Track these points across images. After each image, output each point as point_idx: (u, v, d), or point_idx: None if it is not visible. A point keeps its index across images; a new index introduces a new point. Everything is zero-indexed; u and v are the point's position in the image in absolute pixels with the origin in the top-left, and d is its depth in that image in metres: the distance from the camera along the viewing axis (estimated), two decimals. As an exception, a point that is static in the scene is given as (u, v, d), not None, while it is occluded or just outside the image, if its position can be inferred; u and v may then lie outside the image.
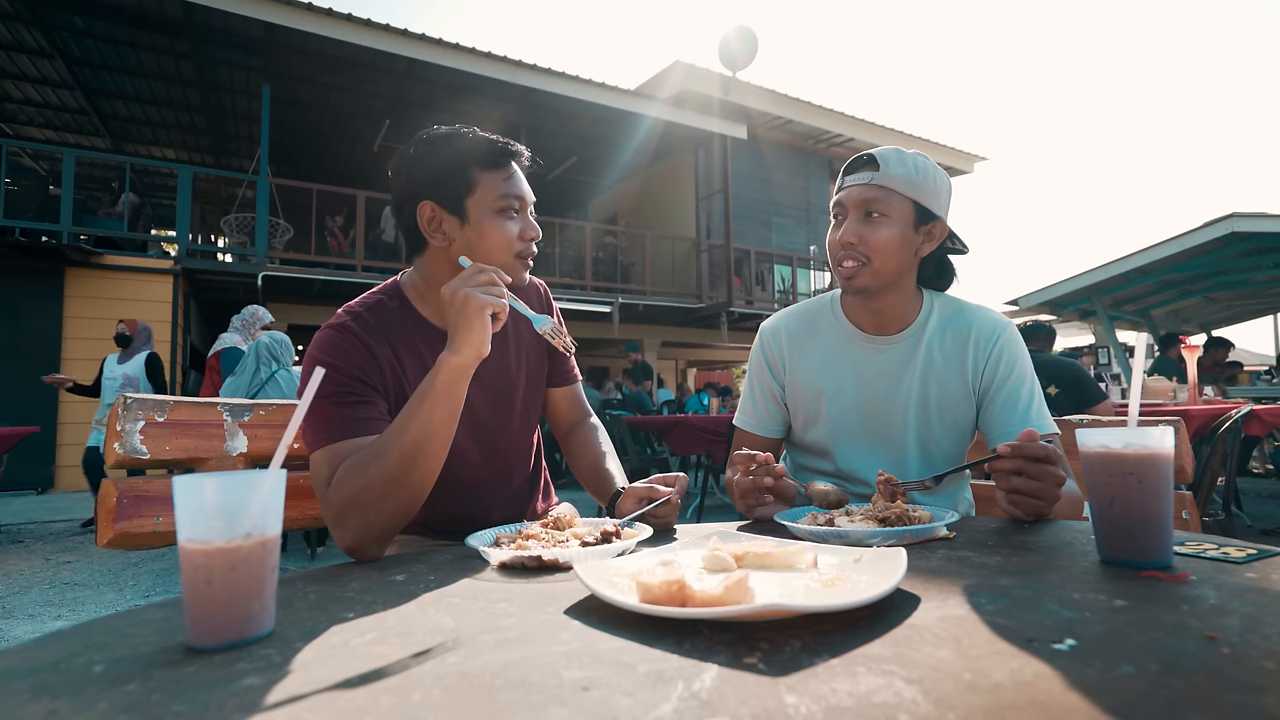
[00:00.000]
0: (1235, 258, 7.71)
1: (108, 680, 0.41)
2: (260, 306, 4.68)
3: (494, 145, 1.00)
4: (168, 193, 10.72)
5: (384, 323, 1.01)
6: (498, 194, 0.99)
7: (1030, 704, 0.33)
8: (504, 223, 0.99)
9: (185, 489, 0.48)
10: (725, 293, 10.34)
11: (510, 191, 1.00)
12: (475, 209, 0.98)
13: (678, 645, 0.44)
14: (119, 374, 4.90)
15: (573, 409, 1.27)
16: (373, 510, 0.83)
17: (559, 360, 1.24)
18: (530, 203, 1.04)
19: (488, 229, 0.98)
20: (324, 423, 0.91)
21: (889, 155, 1.09)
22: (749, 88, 10.48)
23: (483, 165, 0.99)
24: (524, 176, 1.04)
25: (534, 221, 1.03)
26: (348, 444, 0.89)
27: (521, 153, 1.04)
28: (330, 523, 0.85)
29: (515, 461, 1.16)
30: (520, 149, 1.04)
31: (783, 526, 0.84)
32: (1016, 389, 1.12)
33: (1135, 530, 0.61)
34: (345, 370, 0.93)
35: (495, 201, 0.98)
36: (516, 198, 1.00)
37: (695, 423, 4.94)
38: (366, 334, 0.97)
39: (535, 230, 1.02)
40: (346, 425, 0.90)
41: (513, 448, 1.15)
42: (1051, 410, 1.16)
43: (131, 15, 7.00)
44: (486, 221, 0.98)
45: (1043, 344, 3.83)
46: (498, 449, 1.12)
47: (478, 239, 0.98)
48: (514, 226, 1.00)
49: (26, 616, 2.86)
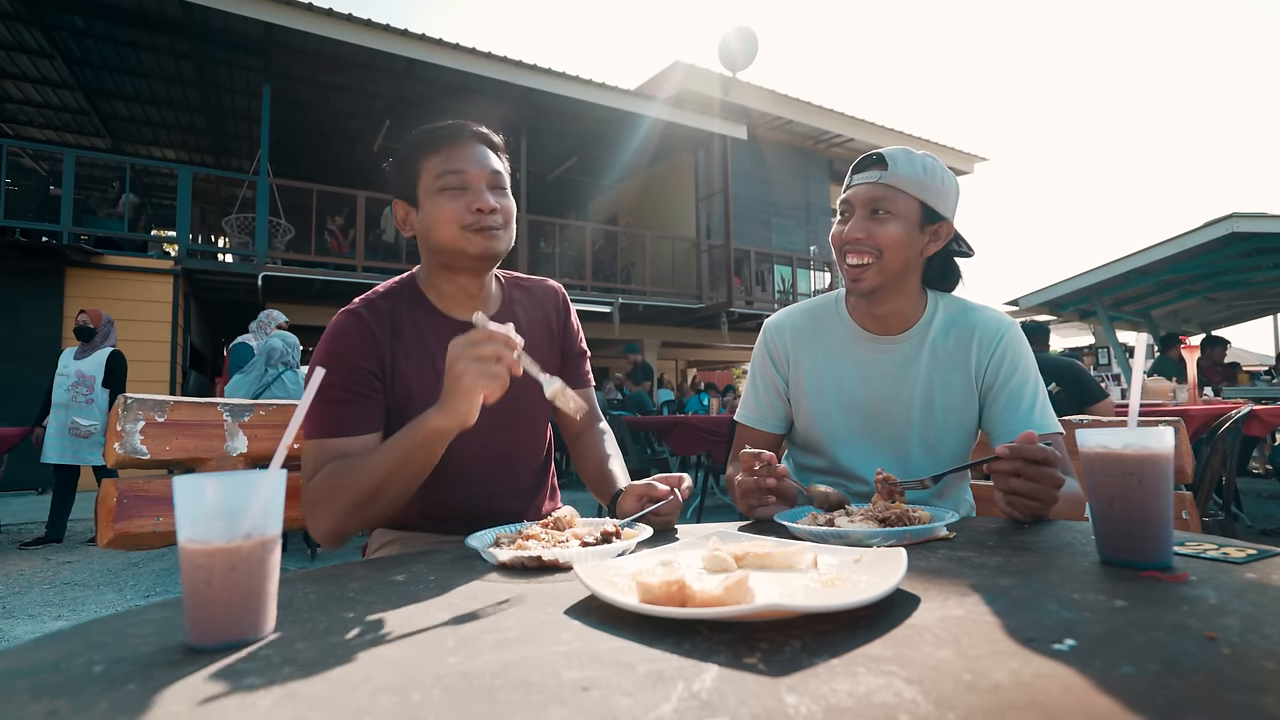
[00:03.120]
0: (1235, 258, 7.71)
1: (108, 680, 0.41)
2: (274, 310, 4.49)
3: (433, 130, 1.04)
4: (168, 193, 10.72)
5: (395, 310, 1.05)
6: (435, 174, 1.02)
7: (1030, 704, 0.33)
8: (446, 200, 1.01)
9: (185, 489, 0.48)
10: (725, 293, 10.34)
11: (447, 168, 1.01)
12: (423, 194, 1.03)
13: (678, 645, 0.44)
14: (73, 371, 4.33)
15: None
16: (339, 517, 0.91)
17: (573, 363, 1.24)
18: (480, 174, 1.02)
19: (431, 210, 1.02)
20: (317, 416, 0.96)
21: (898, 155, 1.10)
22: (749, 88, 10.48)
23: (425, 151, 1.03)
24: (484, 154, 1.04)
25: (487, 194, 1.02)
26: (333, 443, 0.95)
27: (463, 129, 1.04)
28: (304, 511, 0.95)
29: (519, 456, 1.16)
30: (461, 125, 1.05)
31: (783, 527, 0.84)
32: (1020, 388, 1.12)
33: (1135, 530, 0.61)
34: (350, 360, 0.98)
35: (434, 182, 1.02)
36: (455, 172, 1.01)
37: (695, 423, 4.95)
38: (375, 321, 1.02)
39: (484, 201, 1.01)
40: (338, 423, 0.96)
41: (517, 440, 1.15)
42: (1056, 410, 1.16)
43: (131, 15, 7.00)
44: (429, 203, 1.02)
45: (1039, 344, 3.83)
46: (500, 439, 1.11)
47: (426, 222, 1.03)
48: (458, 201, 1.01)
49: (26, 616, 2.86)
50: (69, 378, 4.35)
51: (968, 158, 12.88)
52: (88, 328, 4.45)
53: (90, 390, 4.36)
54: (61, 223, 6.93)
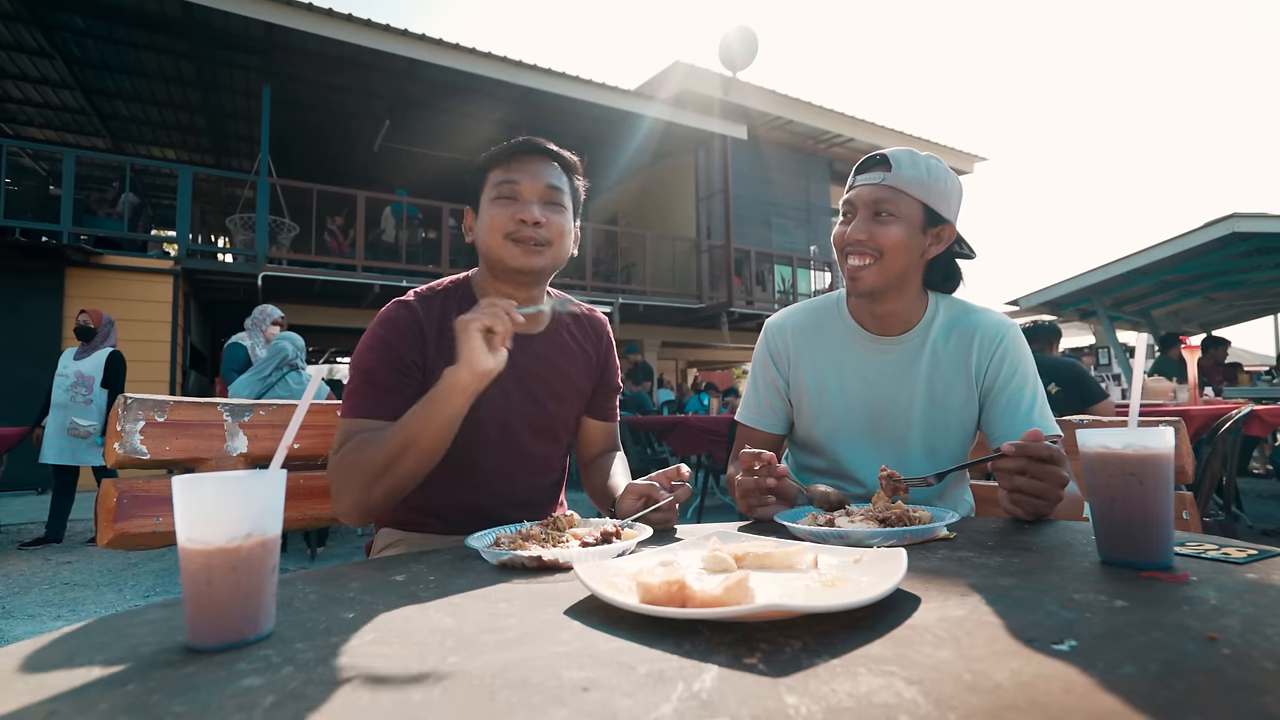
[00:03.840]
0: (1236, 258, 7.70)
1: (108, 680, 0.41)
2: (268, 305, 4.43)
3: (504, 146, 1.10)
4: (168, 193, 10.71)
5: (445, 306, 1.11)
6: (494, 183, 1.08)
7: (1031, 704, 0.33)
8: (497, 208, 1.07)
9: (185, 489, 0.48)
10: (725, 293, 10.34)
11: (505, 179, 1.07)
12: (482, 201, 1.10)
13: (678, 646, 0.44)
14: (73, 371, 4.31)
15: (603, 442, 1.29)
16: (362, 485, 0.92)
17: (604, 394, 1.27)
18: (534, 187, 1.08)
19: (483, 216, 1.09)
20: (355, 396, 1.01)
21: (901, 156, 1.09)
22: (749, 88, 10.48)
23: (491, 164, 1.10)
24: (545, 169, 1.10)
25: (534, 207, 1.06)
26: (366, 424, 0.99)
27: (530, 145, 1.10)
28: (330, 488, 0.97)
29: (535, 465, 1.17)
30: (531, 141, 1.11)
31: (783, 527, 0.84)
32: (1019, 390, 1.12)
33: (1136, 531, 0.60)
34: (394, 347, 1.03)
35: (491, 190, 1.08)
36: (510, 183, 1.07)
37: (695, 423, 4.94)
38: (424, 314, 1.08)
39: (529, 213, 1.05)
40: (373, 405, 1.00)
41: (533, 447, 1.15)
42: (1053, 409, 1.16)
43: (131, 15, 7.00)
44: (486, 208, 1.09)
45: (1045, 344, 3.82)
46: (516, 443, 1.13)
47: (478, 228, 1.11)
48: (505, 210, 1.06)
49: (26, 616, 2.86)
50: (68, 378, 4.32)
51: (968, 158, 12.88)
52: (88, 328, 4.43)
53: (89, 390, 4.34)
54: (61, 223, 6.93)
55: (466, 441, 1.02)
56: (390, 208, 9.08)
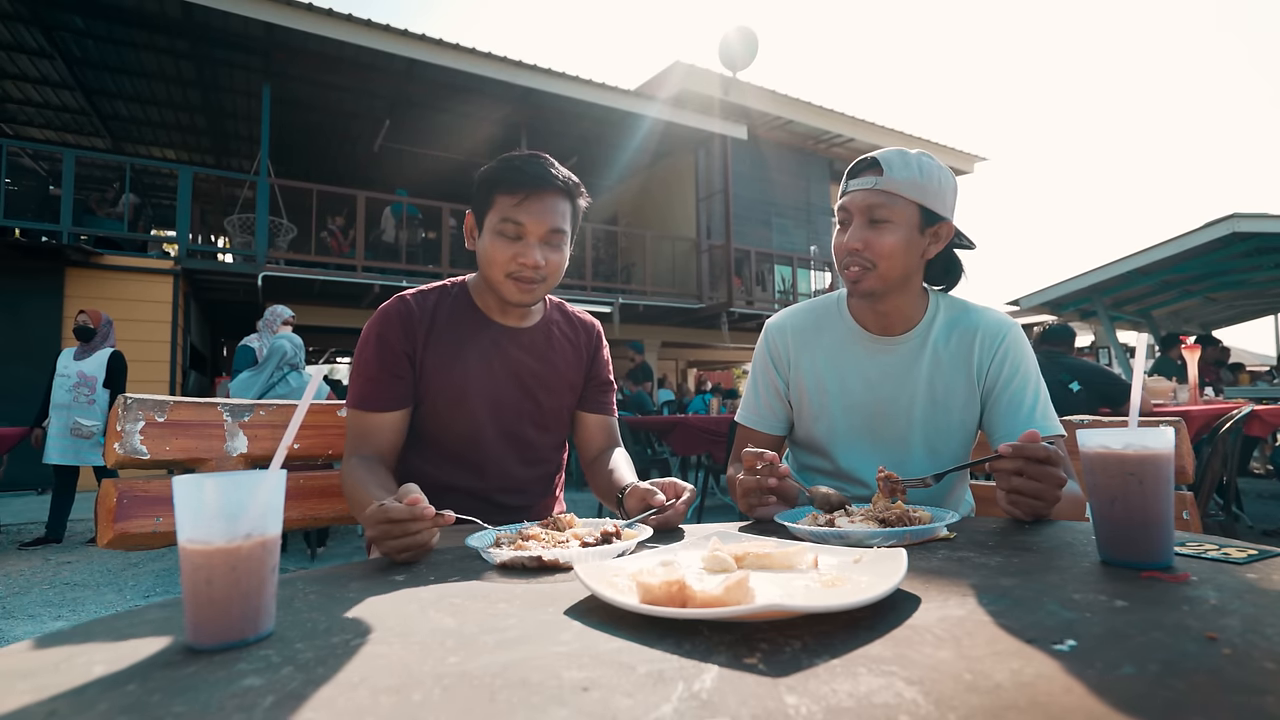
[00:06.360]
0: (1236, 258, 7.70)
1: (108, 680, 0.41)
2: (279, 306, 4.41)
3: (516, 173, 1.08)
4: (168, 193, 10.72)
5: (439, 305, 1.16)
6: (501, 216, 1.09)
7: (1031, 704, 0.33)
8: (500, 244, 1.09)
9: (185, 489, 0.48)
10: (726, 293, 10.33)
11: (511, 217, 1.08)
12: (488, 225, 1.11)
13: (678, 646, 0.44)
14: (74, 372, 4.29)
15: (602, 437, 1.30)
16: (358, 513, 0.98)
17: (596, 389, 1.30)
18: (539, 229, 1.08)
19: (487, 244, 1.10)
20: (356, 388, 1.10)
21: (893, 159, 1.08)
22: (749, 88, 10.48)
23: (501, 189, 1.09)
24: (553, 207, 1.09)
25: (536, 251, 1.08)
26: (364, 417, 1.09)
27: (543, 180, 1.08)
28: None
29: (528, 452, 1.21)
30: (543, 175, 1.09)
31: (783, 527, 0.84)
32: (1021, 390, 1.12)
33: (1136, 531, 0.60)
34: (388, 341, 1.10)
35: (498, 224, 1.09)
36: (515, 223, 1.08)
37: (696, 423, 4.94)
38: (419, 310, 1.14)
39: (531, 258, 1.07)
40: (368, 397, 1.09)
41: (527, 434, 1.20)
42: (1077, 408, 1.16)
43: (131, 15, 7.00)
44: (489, 238, 1.10)
45: (1064, 346, 3.75)
46: (509, 429, 1.18)
47: (480, 253, 1.12)
48: (509, 249, 1.08)
49: (26, 616, 2.86)
50: (70, 378, 4.30)
51: (968, 158, 12.87)
52: (87, 328, 4.41)
53: (92, 391, 4.34)
54: (61, 223, 6.93)
55: (461, 427, 1.13)
56: (390, 208, 9.09)
